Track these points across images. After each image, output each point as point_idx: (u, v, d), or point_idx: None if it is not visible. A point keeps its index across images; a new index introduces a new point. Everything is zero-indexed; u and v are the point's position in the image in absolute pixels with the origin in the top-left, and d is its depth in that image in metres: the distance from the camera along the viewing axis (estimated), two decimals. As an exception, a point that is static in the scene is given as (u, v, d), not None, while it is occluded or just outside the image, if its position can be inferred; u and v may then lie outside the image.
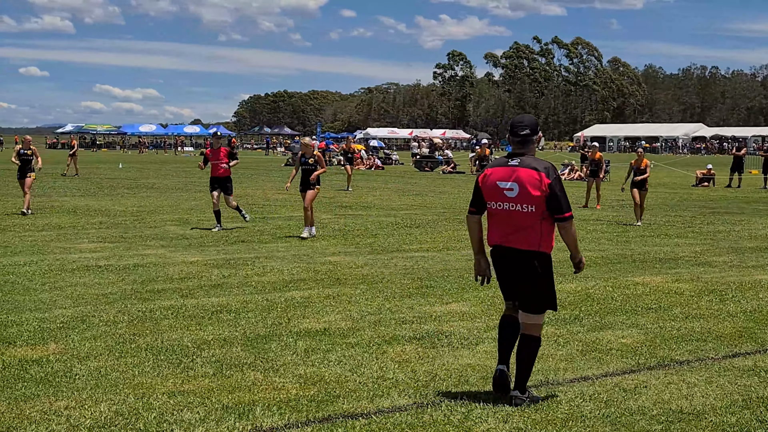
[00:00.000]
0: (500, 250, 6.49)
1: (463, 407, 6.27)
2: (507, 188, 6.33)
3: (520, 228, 6.33)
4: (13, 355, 7.58)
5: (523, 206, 6.29)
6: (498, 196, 6.39)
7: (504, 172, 6.38)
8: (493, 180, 6.41)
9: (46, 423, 5.81)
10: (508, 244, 6.40)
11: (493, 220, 6.49)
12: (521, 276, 6.43)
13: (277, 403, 6.29)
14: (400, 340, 8.37)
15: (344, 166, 33.56)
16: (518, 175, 6.30)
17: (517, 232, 6.35)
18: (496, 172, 6.43)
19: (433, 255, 14.40)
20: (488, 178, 6.46)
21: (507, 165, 6.39)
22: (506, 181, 6.34)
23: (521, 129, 6.46)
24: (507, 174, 6.36)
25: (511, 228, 6.37)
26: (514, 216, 6.34)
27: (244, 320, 9.15)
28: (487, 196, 6.46)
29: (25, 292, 10.60)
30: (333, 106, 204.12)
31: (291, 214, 21.89)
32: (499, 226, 6.44)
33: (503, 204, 6.36)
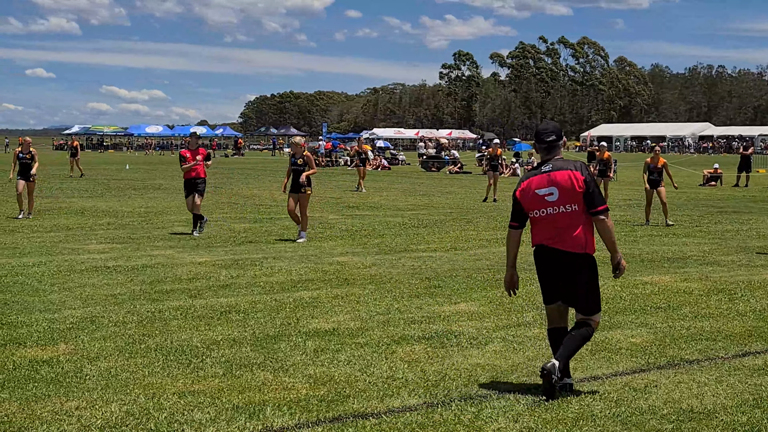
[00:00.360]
0: (545, 249, 6.71)
1: (473, 407, 6.27)
2: (547, 194, 6.58)
3: (565, 228, 6.57)
4: (24, 356, 7.60)
5: (566, 207, 6.55)
6: (539, 204, 6.63)
7: (540, 179, 6.64)
8: (532, 190, 6.65)
9: (57, 423, 5.82)
10: (554, 245, 6.62)
11: (538, 227, 6.74)
12: (568, 278, 6.65)
13: (288, 403, 6.30)
14: (409, 340, 8.37)
15: (358, 167, 32.99)
16: (554, 179, 6.57)
17: (562, 233, 6.59)
18: (533, 181, 6.68)
19: (441, 255, 14.40)
20: (526, 190, 6.70)
21: (541, 173, 6.65)
22: (545, 188, 6.60)
23: (547, 136, 6.73)
24: (544, 181, 6.62)
25: (556, 230, 6.61)
26: (558, 218, 6.58)
27: (253, 320, 9.16)
28: (529, 207, 6.71)
29: (35, 292, 10.62)
30: (339, 106, 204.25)
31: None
32: (545, 229, 6.68)
33: (546, 209, 6.60)
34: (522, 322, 9.21)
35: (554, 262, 6.66)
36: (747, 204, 27.33)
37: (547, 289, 6.81)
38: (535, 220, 6.72)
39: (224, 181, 36.71)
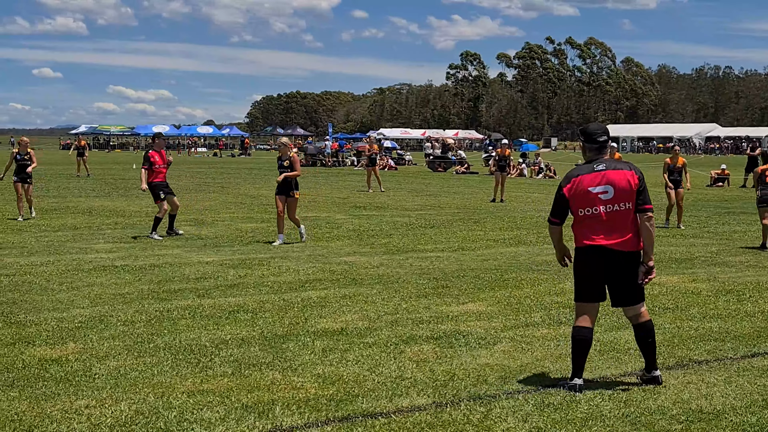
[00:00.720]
0: (599, 249, 6.71)
1: (482, 407, 6.27)
2: (600, 192, 6.66)
3: (621, 227, 6.68)
4: (33, 355, 7.61)
5: (620, 205, 6.66)
6: (591, 202, 6.69)
7: (594, 177, 6.70)
8: (584, 187, 6.70)
9: (67, 422, 5.83)
10: (612, 245, 6.69)
11: (588, 225, 6.76)
12: (621, 276, 6.76)
13: (297, 403, 6.30)
14: (417, 339, 8.37)
15: (370, 167, 32.66)
16: (609, 177, 6.67)
17: (619, 232, 6.67)
18: (585, 179, 6.72)
19: (448, 255, 14.40)
20: (577, 187, 6.73)
21: (594, 171, 6.72)
22: (598, 186, 6.66)
23: (599, 136, 6.84)
24: (597, 179, 6.69)
25: (611, 229, 6.68)
26: (613, 216, 6.66)
27: (261, 320, 9.16)
28: (578, 204, 6.75)
29: (43, 292, 10.64)
30: (345, 106, 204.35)
31: (306, 214, 21.89)
32: (597, 227, 6.71)
33: (599, 207, 6.67)
34: (530, 323, 9.20)
35: (609, 261, 6.72)
36: (755, 205, 27.24)
37: (593, 288, 6.81)
38: (583, 218, 6.75)
39: (231, 181, 36.76)
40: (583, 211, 6.74)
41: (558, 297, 10.66)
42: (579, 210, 6.75)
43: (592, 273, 6.77)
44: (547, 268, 13.00)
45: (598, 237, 6.69)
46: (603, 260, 6.71)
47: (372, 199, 27.68)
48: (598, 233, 6.69)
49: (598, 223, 6.69)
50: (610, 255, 6.69)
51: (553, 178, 45.31)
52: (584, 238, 6.75)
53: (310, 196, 28.17)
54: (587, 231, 6.74)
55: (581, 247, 6.79)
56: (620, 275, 6.75)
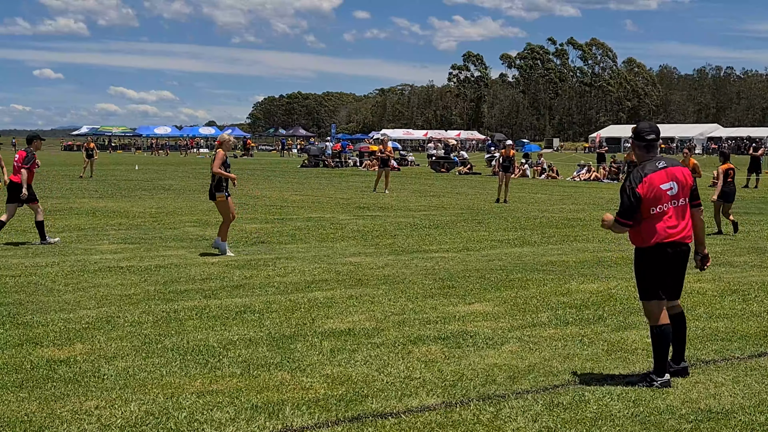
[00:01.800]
0: (675, 245, 6.89)
1: (492, 406, 6.28)
2: (668, 189, 6.86)
3: (685, 221, 6.96)
4: (41, 356, 7.62)
5: (681, 200, 6.93)
6: (663, 199, 6.85)
7: (660, 175, 6.87)
8: (657, 185, 6.84)
9: (77, 423, 5.84)
10: (684, 240, 6.94)
11: (661, 222, 6.85)
12: (684, 268, 7.11)
13: (306, 403, 6.31)
14: (425, 340, 8.38)
15: (383, 169, 32.24)
16: (673, 173, 6.91)
17: (682, 227, 6.93)
18: (654, 177, 6.86)
19: (453, 255, 14.40)
20: (651, 186, 6.83)
21: (657, 169, 6.90)
22: (666, 182, 6.86)
23: (648, 134, 6.99)
24: (664, 176, 6.88)
25: (679, 223, 6.90)
26: (678, 211, 6.90)
27: (268, 320, 9.17)
28: (652, 203, 6.84)
29: (49, 293, 10.65)
30: (347, 107, 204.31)
31: (309, 215, 21.92)
32: (670, 224, 6.86)
33: (669, 203, 6.86)
34: (537, 323, 9.20)
35: (683, 256, 6.99)
36: (758, 205, 27.26)
37: (674, 284, 7.07)
38: (655, 216, 6.84)
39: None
40: (655, 209, 6.84)
41: (564, 297, 10.66)
42: (652, 208, 6.84)
43: (672, 270, 6.99)
44: (553, 268, 13.00)
45: (675, 234, 6.88)
46: (681, 257, 6.96)
47: (376, 199, 27.70)
48: (673, 230, 6.88)
49: (668, 219, 6.85)
50: (684, 250, 6.96)
51: (556, 178, 45.32)
52: (657, 237, 6.85)
53: (314, 197, 28.20)
54: (661, 229, 6.85)
55: (654, 246, 6.86)
56: (684, 268, 7.08)
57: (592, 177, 44.12)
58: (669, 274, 6.96)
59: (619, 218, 6.90)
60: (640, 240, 6.92)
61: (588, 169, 45.45)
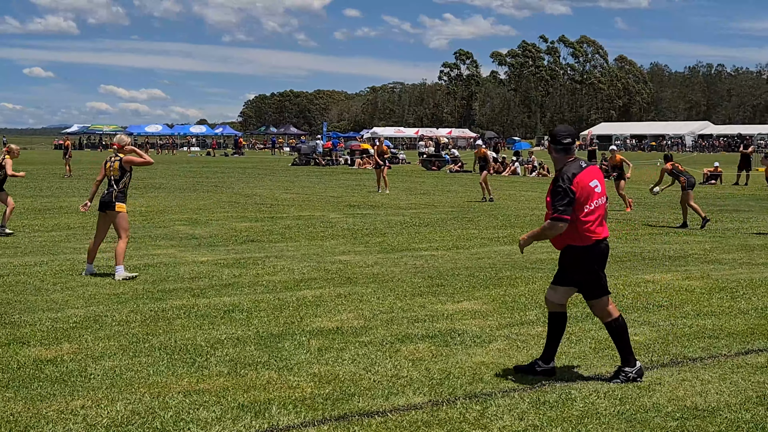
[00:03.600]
0: (605, 242, 7.04)
1: (478, 405, 6.28)
2: (595, 186, 6.95)
3: (604, 219, 7.08)
4: (28, 355, 7.60)
5: (603, 198, 7.04)
6: (594, 196, 6.92)
7: (587, 174, 6.95)
8: (587, 183, 6.89)
9: (63, 422, 5.83)
10: (607, 236, 7.08)
11: (593, 219, 6.92)
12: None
13: (293, 402, 6.30)
14: (412, 338, 8.38)
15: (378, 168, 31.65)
16: (595, 172, 7.03)
17: (605, 224, 7.11)
18: (584, 176, 6.91)
19: (443, 254, 14.41)
20: (582, 185, 6.87)
21: (583, 168, 6.96)
22: (593, 180, 6.95)
23: (565, 138, 7.07)
24: (590, 175, 6.96)
25: (603, 221, 7.04)
26: (603, 208, 7.03)
27: (256, 319, 9.16)
28: (586, 201, 6.87)
29: (37, 292, 10.63)
30: (339, 105, 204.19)
31: (299, 213, 21.90)
32: (600, 220, 6.99)
33: (598, 200, 6.95)
34: (525, 321, 9.21)
35: (608, 252, 7.11)
36: (747, 202, 27.34)
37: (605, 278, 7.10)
38: (589, 213, 6.90)
39: (224, 180, 36.71)
40: (588, 207, 6.88)
41: (552, 295, 10.66)
42: (585, 206, 6.87)
43: (603, 266, 7.07)
44: (542, 266, 13.02)
45: (603, 229, 7.00)
46: (607, 250, 7.07)
47: (366, 198, 27.69)
48: (603, 226, 7.01)
49: (598, 216, 6.95)
50: (607, 244, 7.06)
51: (546, 176, 45.31)
52: (594, 235, 6.91)
53: (304, 195, 28.18)
54: (595, 226, 6.93)
55: (594, 243, 6.92)
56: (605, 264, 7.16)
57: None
58: (603, 269, 7.08)
59: (560, 215, 6.79)
60: (578, 239, 6.89)
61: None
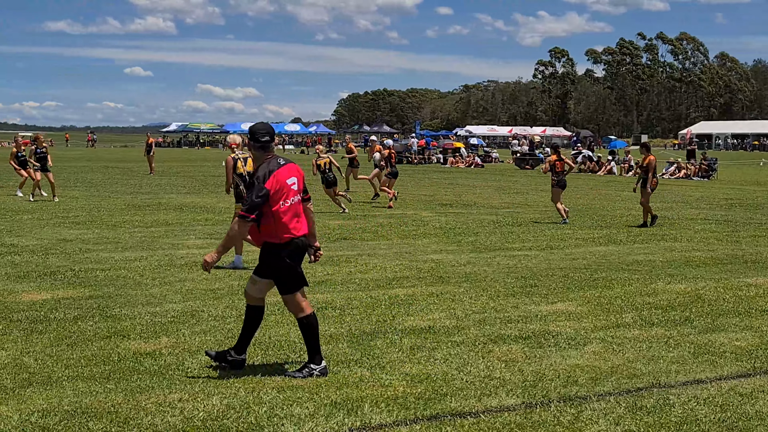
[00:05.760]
0: (302, 241, 7.03)
1: (572, 408, 6.19)
2: (292, 183, 6.98)
3: (302, 216, 7.11)
4: (128, 348, 7.78)
5: (301, 195, 7.10)
6: (290, 193, 6.94)
7: (285, 171, 6.96)
8: (284, 180, 6.92)
9: (161, 415, 5.94)
10: (306, 234, 7.09)
11: (288, 217, 6.92)
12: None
13: (385, 400, 6.30)
14: (505, 339, 8.30)
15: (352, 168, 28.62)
16: (293, 169, 7.08)
17: (304, 221, 7.11)
18: (281, 173, 6.93)
19: (536, 254, 14.26)
20: (278, 181, 6.88)
21: (281, 165, 6.99)
22: (290, 177, 6.99)
23: (263, 136, 7.05)
24: (287, 172, 6.99)
25: (301, 216, 7.08)
26: (299, 206, 7.06)
27: (349, 317, 9.20)
28: (282, 197, 6.88)
29: (137, 286, 10.87)
30: (432, 104, 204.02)
31: (392, 211, 21.95)
32: (296, 218, 6.98)
33: (294, 198, 6.98)
34: (621, 323, 9.04)
35: (305, 248, 7.10)
36: None
37: (302, 276, 7.09)
38: (284, 211, 6.88)
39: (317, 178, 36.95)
40: (284, 204, 6.88)
41: (650, 297, 10.45)
42: (282, 201, 6.87)
43: (301, 260, 7.06)
44: (639, 267, 12.77)
45: (302, 229, 7.03)
46: (304, 247, 7.08)
47: (458, 196, 27.59)
48: (300, 224, 7.02)
49: (294, 213, 6.96)
50: (305, 241, 7.07)
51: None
52: (290, 230, 6.91)
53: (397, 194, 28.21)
54: (292, 224, 6.93)
55: (289, 241, 6.91)
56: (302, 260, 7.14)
57: (682, 175, 43.20)
58: (299, 265, 7.04)
59: (245, 213, 6.79)
60: (274, 236, 6.89)
61: (678, 166, 44.50)
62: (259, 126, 7.15)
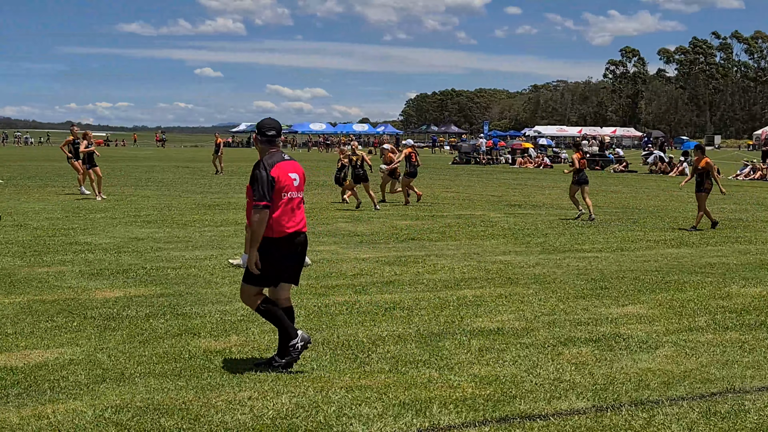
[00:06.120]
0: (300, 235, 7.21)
1: (644, 412, 6.09)
2: (294, 178, 7.14)
3: (302, 210, 7.27)
4: (198, 346, 7.87)
5: (300, 192, 7.21)
6: (290, 187, 7.10)
7: (288, 165, 7.15)
8: (286, 173, 7.06)
9: (231, 412, 5.99)
10: (304, 230, 7.25)
11: (287, 210, 7.06)
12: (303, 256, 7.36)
13: (454, 402, 6.28)
14: (575, 341, 8.21)
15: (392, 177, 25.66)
16: (296, 166, 7.23)
17: (303, 217, 7.26)
18: (284, 166, 7.09)
19: (607, 255, 14.08)
20: (282, 173, 7.04)
21: (284, 159, 7.16)
22: (293, 173, 7.15)
23: (269, 131, 7.25)
24: (290, 167, 7.17)
25: (301, 212, 7.23)
26: (301, 202, 7.24)
27: (417, 317, 9.19)
28: (283, 190, 7.04)
29: (207, 285, 11.01)
30: (500, 104, 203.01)
31: (460, 212, 21.89)
32: (295, 213, 7.14)
33: (294, 193, 7.12)
34: (694, 327, 8.88)
35: (305, 244, 7.29)
36: None
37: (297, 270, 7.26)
38: (283, 204, 7.02)
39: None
40: (284, 196, 7.02)
41: (723, 301, 10.25)
42: (282, 194, 7.01)
43: (293, 257, 7.18)
44: (712, 270, 12.53)
45: (297, 223, 7.13)
46: (302, 243, 7.24)
47: (527, 197, 27.40)
48: (296, 219, 7.14)
49: (293, 208, 7.10)
50: (304, 237, 7.24)
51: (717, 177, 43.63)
52: (287, 227, 7.04)
53: (464, 194, 28.14)
54: (289, 217, 7.06)
55: (287, 236, 7.05)
56: (304, 254, 7.35)
57: (757, 176, 42.28)
58: (296, 261, 7.21)
59: (257, 202, 6.88)
60: (269, 231, 6.98)
61: (753, 167, 43.55)
62: (267, 121, 7.36)
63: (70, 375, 6.88)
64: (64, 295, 10.20)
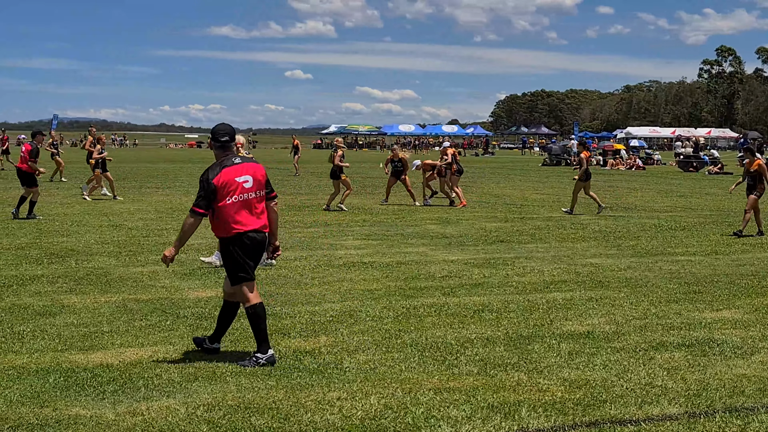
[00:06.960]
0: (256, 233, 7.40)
1: (739, 419, 5.95)
2: (244, 181, 7.36)
3: (259, 211, 7.47)
4: (288, 346, 7.98)
5: (255, 193, 7.42)
6: (239, 190, 7.30)
7: (237, 169, 7.36)
8: (233, 177, 7.31)
9: (320, 412, 6.06)
10: (263, 228, 7.47)
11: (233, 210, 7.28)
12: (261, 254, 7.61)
13: (543, 405, 6.23)
14: (668, 346, 8.07)
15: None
16: (248, 168, 7.46)
17: (260, 216, 7.46)
18: (231, 171, 7.32)
19: (701, 259, 13.79)
20: (227, 178, 7.28)
21: (234, 164, 7.38)
22: (242, 176, 7.35)
23: (222, 136, 7.51)
24: (240, 170, 7.37)
25: (254, 213, 7.39)
26: (254, 203, 7.40)
27: (506, 320, 9.15)
28: (229, 194, 7.27)
29: (297, 285, 11.14)
30: (591, 105, 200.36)
31: (550, 214, 21.70)
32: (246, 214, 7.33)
33: (243, 195, 7.33)
34: (792, 333, 8.63)
35: (262, 243, 7.47)
36: None
37: (250, 268, 7.41)
38: (231, 206, 7.27)
39: (474, 180, 36.96)
40: (231, 200, 7.26)
41: (823, 307, 9.94)
42: (228, 198, 7.25)
43: (252, 255, 7.41)
44: (811, 275, 12.17)
45: (251, 223, 7.34)
46: (261, 244, 7.46)
47: (618, 199, 27.00)
48: (249, 219, 7.34)
49: (245, 210, 7.32)
50: (264, 238, 7.48)
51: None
52: (236, 226, 7.28)
53: (554, 196, 27.88)
54: (237, 218, 7.29)
55: (235, 235, 7.30)
56: (260, 254, 7.54)
57: None
58: (251, 259, 7.40)
59: (194, 208, 7.28)
60: (222, 230, 7.35)
61: None
62: (220, 127, 7.60)
63: (163, 373, 7.05)
64: (157, 295, 10.46)
